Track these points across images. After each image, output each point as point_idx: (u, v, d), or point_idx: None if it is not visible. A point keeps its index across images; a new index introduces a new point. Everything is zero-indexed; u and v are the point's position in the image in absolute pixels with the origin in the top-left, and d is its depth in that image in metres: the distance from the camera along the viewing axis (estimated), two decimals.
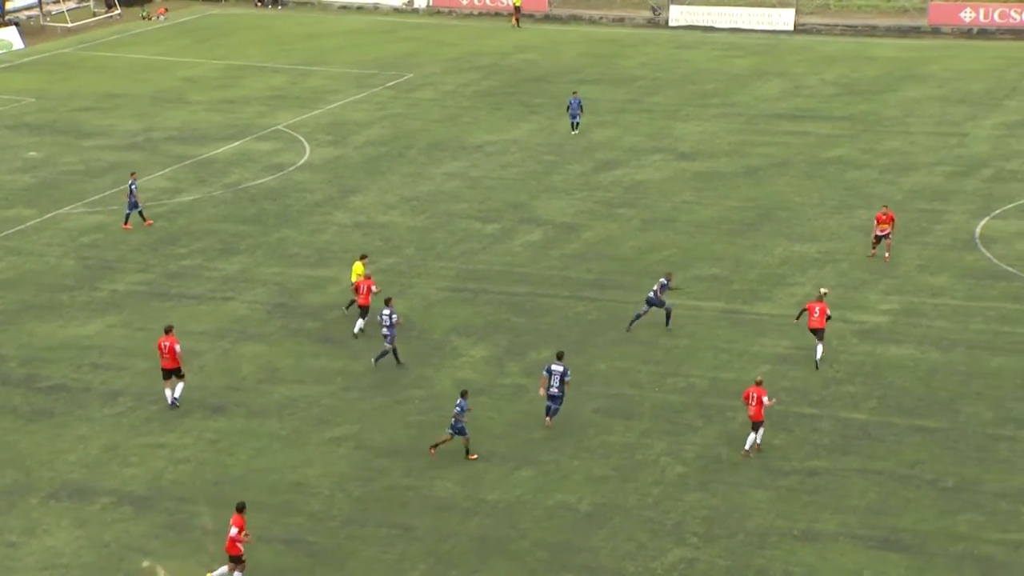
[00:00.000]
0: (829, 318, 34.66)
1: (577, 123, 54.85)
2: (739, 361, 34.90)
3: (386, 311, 34.40)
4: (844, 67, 67.11)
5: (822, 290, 36.49)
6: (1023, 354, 35.16)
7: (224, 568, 25.88)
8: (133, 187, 44.59)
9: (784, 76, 65.64)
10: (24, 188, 49.18)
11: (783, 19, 76.62)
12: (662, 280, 36.81)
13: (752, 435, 30.38)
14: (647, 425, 31.71)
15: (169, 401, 32.73)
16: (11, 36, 72.70)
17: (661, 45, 72.97)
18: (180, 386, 32.84)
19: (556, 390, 31.49)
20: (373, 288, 36.48)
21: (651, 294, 36.76)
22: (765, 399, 30.04)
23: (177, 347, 32.35)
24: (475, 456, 30.27)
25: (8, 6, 75.44)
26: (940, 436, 31.12)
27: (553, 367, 31.59)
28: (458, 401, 30.06)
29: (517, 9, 78.38)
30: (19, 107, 60.49)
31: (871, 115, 58.37)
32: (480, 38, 74.81)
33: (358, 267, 37.39)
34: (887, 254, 41.44)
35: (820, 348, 34.75)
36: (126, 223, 44.77)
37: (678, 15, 78.06)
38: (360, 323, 36.62)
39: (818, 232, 44.18)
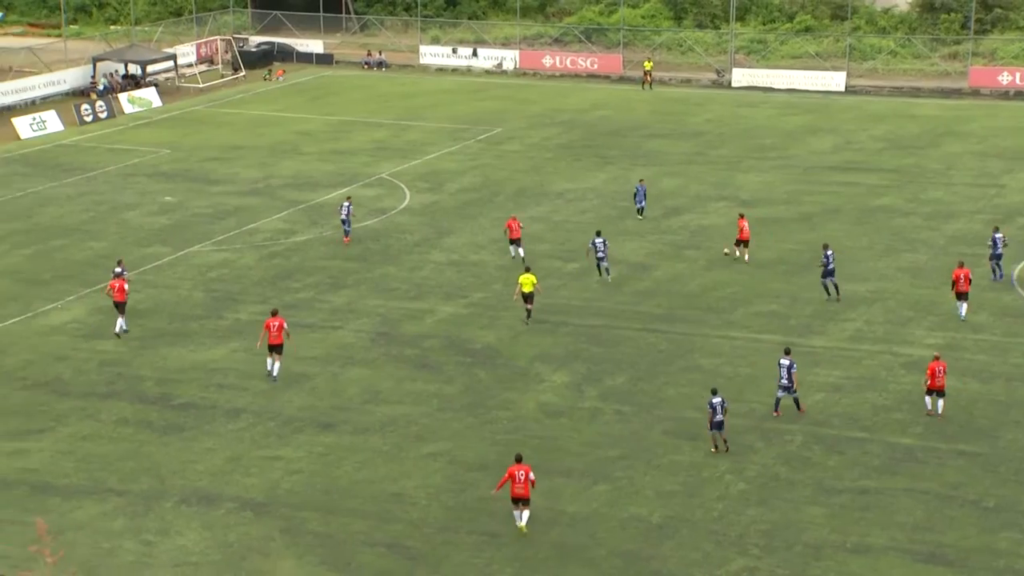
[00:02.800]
0: (970, 281, 38.73)
1: (642, 208, 50.00)
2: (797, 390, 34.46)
3: (599, 240, 42.25)
4: (890, 124, 66.39)
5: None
6: None
7: (526, 512, 27.32)
8: (350, 208, 47.38)
9: (835, 132, 65.06)
10: (160, 229, 49.95)
11: (835, 81, 76.00)
12: (827, 253, 40.28)
13: (940, 401, 32.51)
14: (712, 446, 31.42)
15: (268, 370, 35.23)
16: (150, 95, 74.06)
17: (724, 104, 72.68)
18: (278, 364, 34.97)
19: (786, 381, 32.33)
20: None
21: (830, 266, 40.24)
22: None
23: (285, 324, 35.18)
24: (727, 450, 30.67)
25: (148, 69, 76.82)
26: (981, 460, 30.51)
27: (782, 361, 32.47)
28: (714, 400, 30.52)
29: (647, 72, 77.02)
30: (156, 157, 61.51)
31: (915, 168, 57.65)
32: (561, 97, 74.96)
33: (531, 278, 39.08)
34: (746, 256, 44.63)
35: (964, 307, 38.70)
36: (347, 237, 47.37)
37: (740, 77, 77.77)
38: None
39: (867, 273, 43.66)
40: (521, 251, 44.83)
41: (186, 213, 52.03)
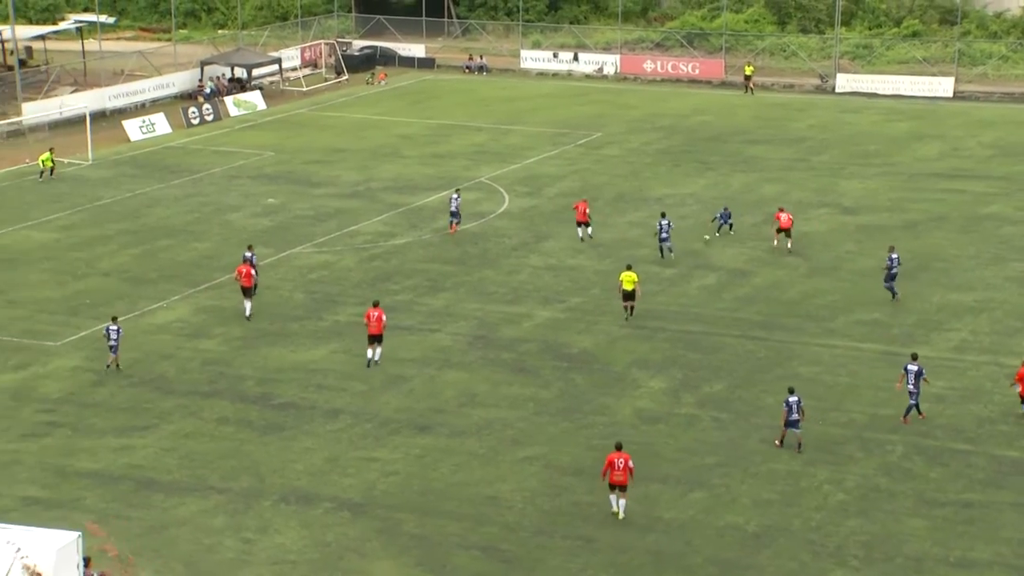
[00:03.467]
0: None
1: (731, 225, 48.54)
2: (897, 399, 33.82)
3: (664, 221, 44.88)
4: (1000, 131, 64.96)
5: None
6: None
7: (623, 500, 28.17)
8: (458, 200, 48.97)
9: (942, 139, 63.85)
10: (263, 230, 50.71)
11: (943, 87, 74.61)
12: (892, 256, 40.53)
13: None
14: (810, 455, 31.01)
15: (368, 361, 36.51)
16: (255, 99, 75.34)
17: (827, 109, 71.75)
18: (379, 350, 36.61)
19: (912, 387, 32.04)
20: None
21: (893, 270, 40.39)
22: None
23: (384, 316, 36.62)
24: (799, 450, 30.88)
25: (254, 73, 78.14)
26: None
27: (909, 367, 32.19)
28: (790, 399, 30.80)
29: (748, 77, 76.62)
30: (260, 160, 62.51)
31: None
32: (661, 101, 74.65)
33: (632, 276, 39.64)
34: (789, 244, 45.85)
35: None
36: (452, 228, 48.96)
37: (844, 82, 76.75)
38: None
39: (973, 282, 42.77)
40: (589, 230, 47.62)
41: (288, 215, 52.76)
